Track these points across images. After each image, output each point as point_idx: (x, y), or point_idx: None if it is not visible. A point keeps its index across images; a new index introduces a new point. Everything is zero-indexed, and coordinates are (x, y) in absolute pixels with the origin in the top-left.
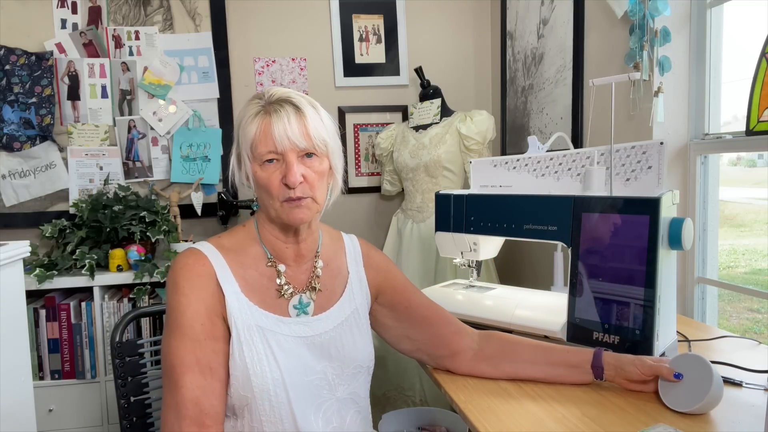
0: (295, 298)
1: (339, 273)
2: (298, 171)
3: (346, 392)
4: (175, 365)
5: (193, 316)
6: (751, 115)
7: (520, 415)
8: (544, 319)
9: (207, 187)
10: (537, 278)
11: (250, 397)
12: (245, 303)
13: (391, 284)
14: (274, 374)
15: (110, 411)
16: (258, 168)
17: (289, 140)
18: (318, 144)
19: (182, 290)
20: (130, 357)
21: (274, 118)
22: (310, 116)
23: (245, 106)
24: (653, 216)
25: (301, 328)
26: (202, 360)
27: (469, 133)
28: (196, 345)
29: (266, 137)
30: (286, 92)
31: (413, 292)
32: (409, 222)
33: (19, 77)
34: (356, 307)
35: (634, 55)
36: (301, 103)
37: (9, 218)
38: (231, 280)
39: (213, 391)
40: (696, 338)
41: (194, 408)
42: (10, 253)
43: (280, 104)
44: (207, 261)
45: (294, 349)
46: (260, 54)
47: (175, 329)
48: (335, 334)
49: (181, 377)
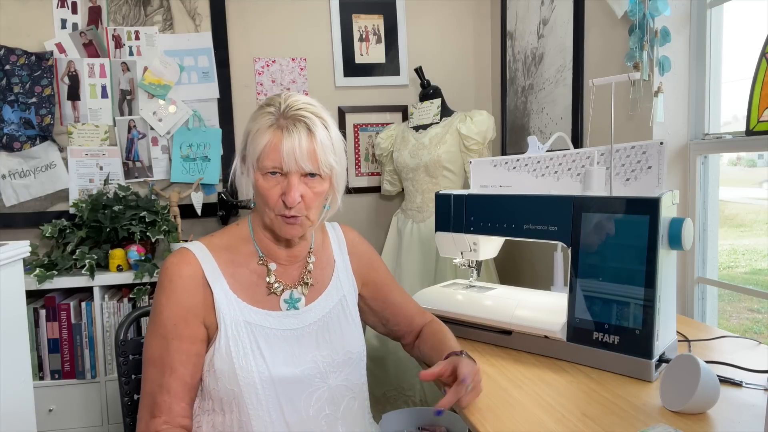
0: (286, 294)
1: (327, 264)
2: (297, 192)
3: (339, 380)
4: (144, 358)
5: (168, 316)
6: (751, 115)
7: (520, 415)
8: (544, 319)
9: (207, 187)
10: (537, 278)
11: (237, 391)
12: (233, 299)
13: (373, 278)
14: (260, 368)
15: (110, 411)
16: (260, 177)
17: (296, 162)
18: (323, 168)
19: (164, 290)
20: (134, 355)
21: (285, 136)
22: (321, 139)
23: (259, 113)
24: (653, 216)
25: (290, 321)
26: (165, 358)
27: (469, 133)
28: (164, 343)
29: (274, 153)
30: (301, 107)
31: (391, 288)
32: (409, 222)
33: (19, 77)
34: (343, 294)
35: (634, 55)
36: (314, 125)
37: (9, 218)
38: (219, 278)
39: (168, 388)
40: (696, 338)
41: (150, 400)
42: (10, 253)
43: (293, 123)
44: (194, 260)
45: (282, 342)
46: (260, 54)
47: (151, 325)
48: (323, 323)
49: (146, 370)
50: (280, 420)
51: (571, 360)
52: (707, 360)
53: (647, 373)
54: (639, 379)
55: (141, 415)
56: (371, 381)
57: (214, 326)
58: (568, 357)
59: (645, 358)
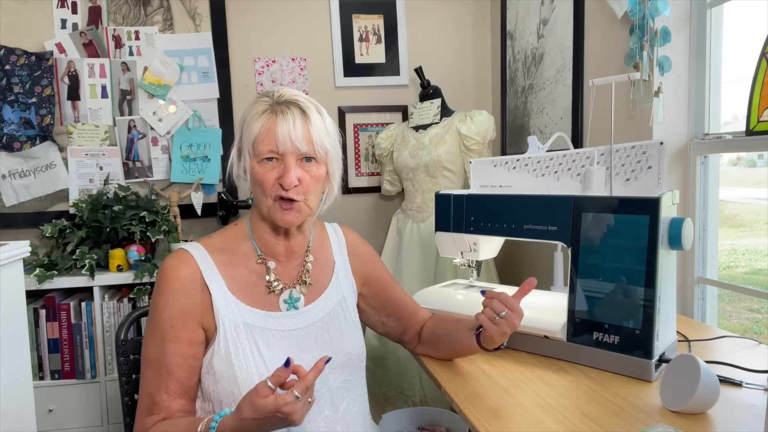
0: (285, 293)
1: (327, 264)
2: (294, 174)
3: (338, 381)
4: (143, 359)
5: (166, 318)
6: (751, 115)
7: (520, 415)
8: (544, 319)
9: (207, 187)
10: (537, 278)
11: (237, 393)
12: (232, 301)
13: (375, 278)
14: (260, 369)
15: (110, 411)
16: (256, 164)
17: (291, 142)
18: (319, 150)
19: (161, 291)
20: (134, 355)
21: (280, 119)
22: (315, 121)
23: (253, 103)
24: (653, 216)
25: (290, 322)
26: (161, 360)
27: (469, 133)
28: (160, 345)
29: (269, 136)
30: (294, 94)
31: (393, 288)
32: (409, 222)
33: (19, 77)
34: (343, 295)
35: (634, 55)
36: (308, 108)
37: (9, 218)
38: (218, 280)
39: (166, 389)
40: (696, 338)
41: (148, 400)
42: (10, 253)
43: (287, 105)
44: (192, 262)
45: (281, 344)
46: (260, 54)
47: (149, 326)
48: (323, 324)
49: (144, 371)
50: None
51: (571, 360)
52: (707, 360)
53: (647, 373)
54: (639, 379)
55: (139, 414)
56: (371, 381)
57: (212, 328)
58: (568, 357)
59: (645, 358)
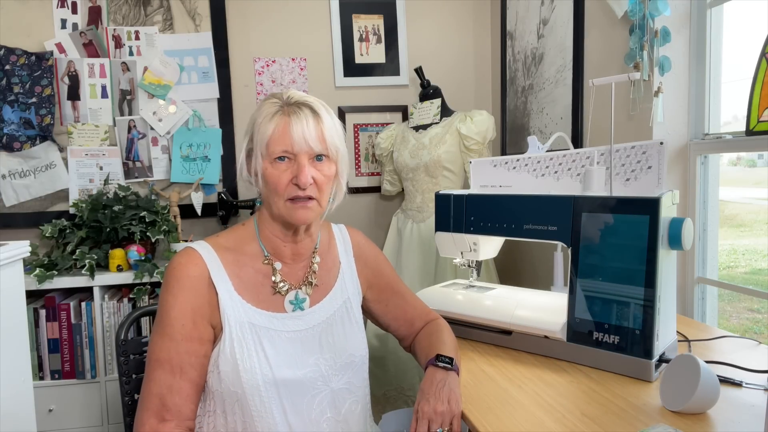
0: (291, 294)
1: (333, 265)
2: (309, 173)
3: (341, 382)
4: (151, 359)
5: (176, 317)
6: (751, 115)
7: (520, 415)
8: (544, 319)
9: (207, 187)
10: (537, 278)
11: (240, 393)
12: (238, 301)
13: (380, 281)
14: (264, 370)
15: (110, 411)
16: (269, 165)
17: (305, 142)
18: (331, 149)
19: (171, 290)
20: (134, 355)
21: (293, 119)
22: (326, 121)
23: (262, 105)
24: (653, 216)
25: (295, 323)
26: (174, 359)
27: (469, 133)
28: (172, 344)
29: (283, 136)
30: (303, 96)
31: (396, 291)
32: (409, 222)
33: (19, 77)
34: (348, 297)
35: (634, 55)
36: (318, 108)
37: (9, 218)
38: (225, 279)
39: (179, 390)
40: (696, 338)
41: (157, 402)
42: (10, 253)
43: (298, 106)
44: (201, 261)
45: (286, 345)
46: (260, 54)
47: (158, 326)
48: (327, 326)
49: (153, 372)
50: (282, 422)
51: (571, 360)
52: (707, 360)
53: (647, 373)
54: (639, 379)
55: (145, 418)
56: (371, 381)
57: (219, 327)
58: (568, 357)
59: (645, 358)
